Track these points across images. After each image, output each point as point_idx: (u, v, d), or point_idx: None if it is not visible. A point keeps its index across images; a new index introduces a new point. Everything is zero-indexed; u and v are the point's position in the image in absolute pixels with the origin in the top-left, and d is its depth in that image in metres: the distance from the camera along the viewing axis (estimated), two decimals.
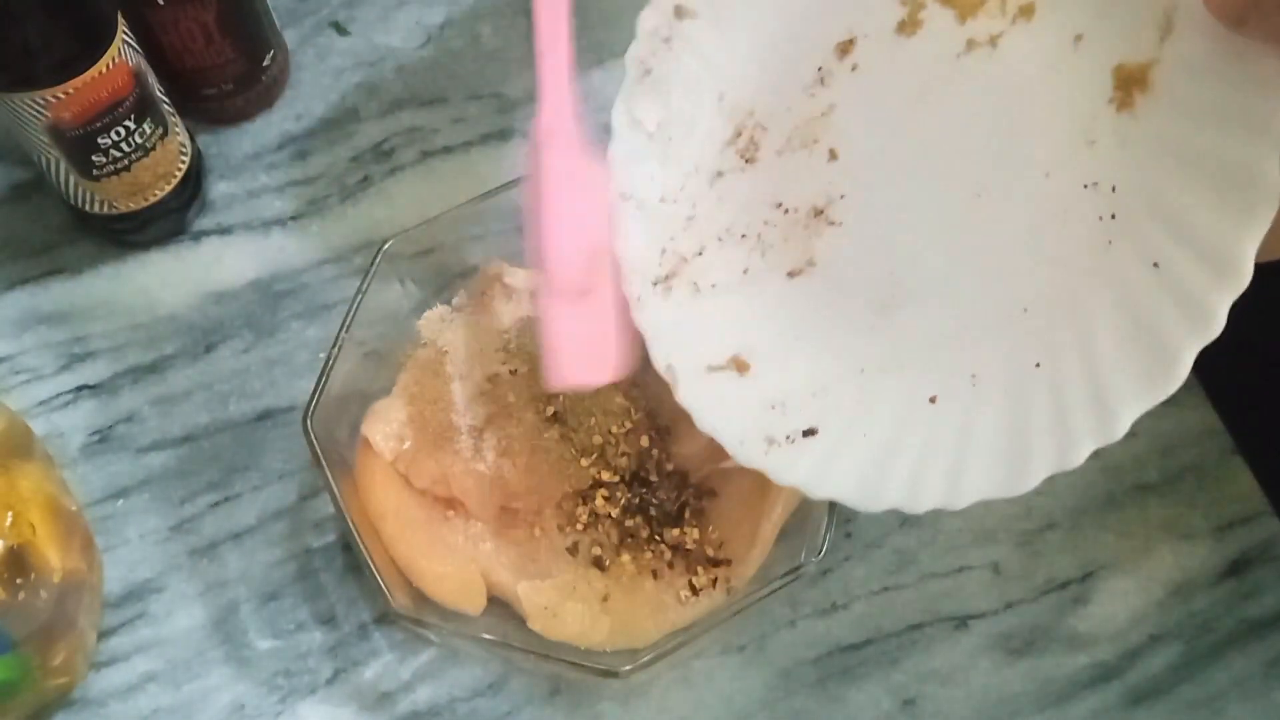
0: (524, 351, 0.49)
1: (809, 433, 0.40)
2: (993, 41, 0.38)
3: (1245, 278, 0.31)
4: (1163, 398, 0.32)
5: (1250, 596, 0.50)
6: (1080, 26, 0.36)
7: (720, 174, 0.44)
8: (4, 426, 0.46)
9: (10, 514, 0.43)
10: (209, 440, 0.52)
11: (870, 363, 0.40)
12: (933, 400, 0.38)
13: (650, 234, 0.43)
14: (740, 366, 0.42)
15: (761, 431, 0.41)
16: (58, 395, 0.53)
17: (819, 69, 0.42)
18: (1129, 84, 0.35)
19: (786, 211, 0.43)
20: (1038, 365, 0.36)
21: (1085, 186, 0.36)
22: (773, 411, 0.41)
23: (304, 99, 0.60)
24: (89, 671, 0.47)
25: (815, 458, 0.40)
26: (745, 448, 0.40)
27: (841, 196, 0.42)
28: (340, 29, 0.62)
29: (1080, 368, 0.34)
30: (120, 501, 0.51)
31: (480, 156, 0.59)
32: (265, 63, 0.57)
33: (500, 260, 0.51)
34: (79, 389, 0.53)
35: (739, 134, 0.44)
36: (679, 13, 0.42)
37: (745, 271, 0.43)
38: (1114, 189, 0.35)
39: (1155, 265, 0.33)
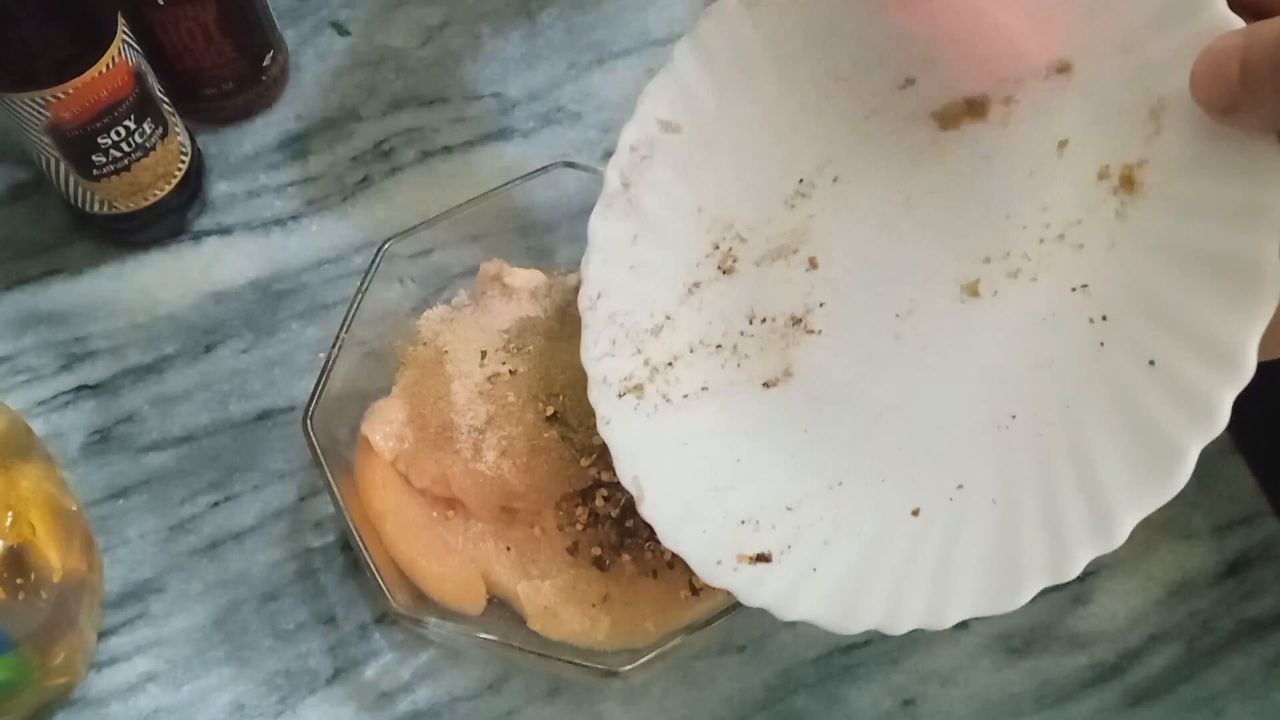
0: (524, 351, 0.49)
1: (768, 557, 0.38)
2: (975, 148, 0.38)
3: (1249, 369, 0.30)
4: (1165, 500, 0.31)
5: (1250, 596, 0.50)
6: (1064, 132, 0.35)
7: (696, 285, 0.43)
8: (4, 426, 0.46)
9: (10, 514, 0.43)
10: (209, 440, 0.52)
11: (849, 475, 0.38)
12: (915, 513, 0.36)
13: (621, 345, 0.42)
14: (711, 481, 0.40)
15: (731, 549, 0.38)
16: (58, 395, 0.53)
17: (800, 180, 0.41)
18: (1116, 187, 0.34)
19: (764, 321, 0.42)
20: (1029, 473, 0.34)
21: (1074, 290, 0.35)
22: (743, 527, 0.39)
23: (304, 99, 0.60)
24: (89, 671, 0.47)
25: (787, 576, 0.37)
26: (712, 566, 0.38)
27: (821, 304, 0.41)
28: (340, 29, 0.62)
29: (1074, 474, 0.33)
30: (120, 501, 0.51)
31: (480, 156, 0.59)
32: (265, 63, 0.57)
33: (500, 260, 0.51)
34: (79, 389, 0.53)
35: (717, 246, 0.43)
36: (663, 127, 0.42)
37: (718, 382, 0.42)
38: (1104, 290, 0.34)
39: (1151, 363, 0.32)
